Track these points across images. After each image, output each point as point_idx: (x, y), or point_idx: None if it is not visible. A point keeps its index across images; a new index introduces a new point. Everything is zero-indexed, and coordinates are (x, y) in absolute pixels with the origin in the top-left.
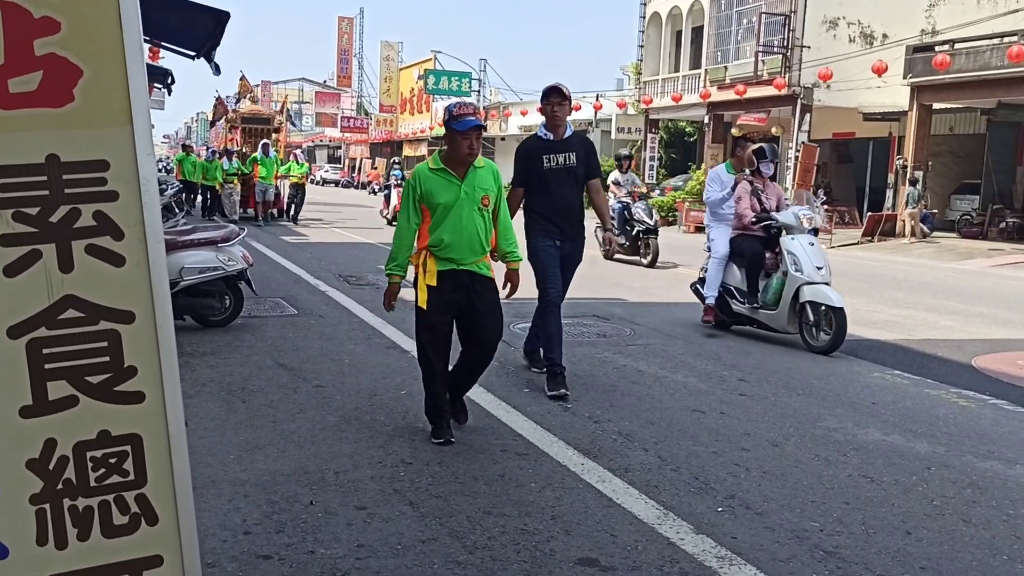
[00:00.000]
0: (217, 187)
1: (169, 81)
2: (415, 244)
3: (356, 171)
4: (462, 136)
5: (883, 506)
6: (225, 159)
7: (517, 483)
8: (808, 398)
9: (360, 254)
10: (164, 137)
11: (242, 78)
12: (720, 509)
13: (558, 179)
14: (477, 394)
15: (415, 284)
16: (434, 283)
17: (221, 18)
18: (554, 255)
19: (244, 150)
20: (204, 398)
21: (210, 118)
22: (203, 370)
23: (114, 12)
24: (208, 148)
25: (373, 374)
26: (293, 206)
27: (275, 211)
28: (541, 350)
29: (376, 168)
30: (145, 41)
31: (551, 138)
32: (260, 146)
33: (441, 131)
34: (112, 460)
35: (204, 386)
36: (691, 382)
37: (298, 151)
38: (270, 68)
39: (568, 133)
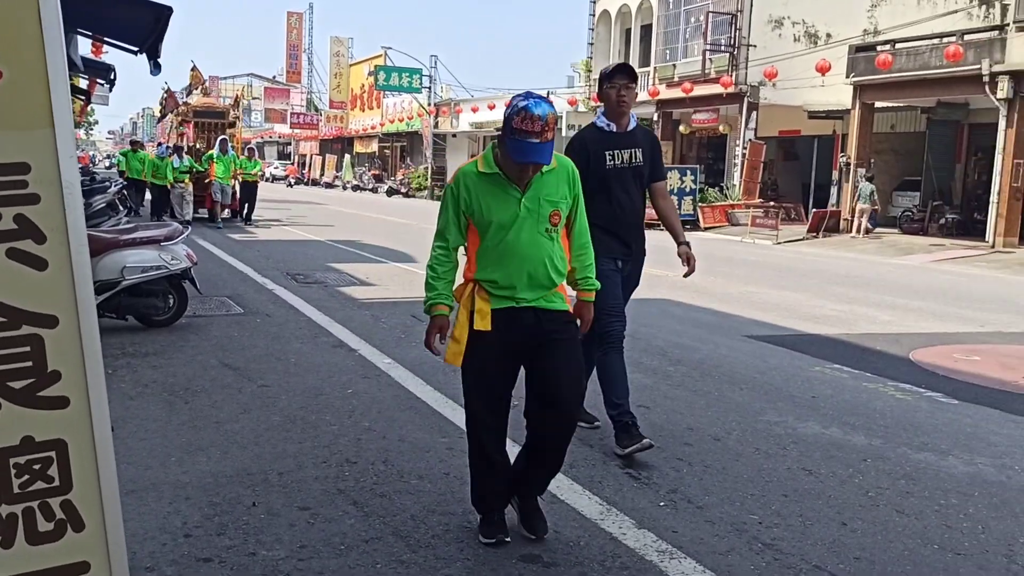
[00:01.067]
0: (168, 186)
1: (111, 76)
2: (457, 271)
3: (306, 167)
4: (518, 163)
5: (820, 498)
6: (175, 156)
7: (463, 481)
8: (751, 392)
9: (309, 252)
10: (109, 133)
11: (193, 69)
12: (662, 503)
13: (623, 181)
14: (423, 391)
15: (458, 327)
16: (487, 327)
17: (163, 13)
18: (617, 280)
19: (197, 146)
20: (146, 399)
21: (157, 112)
22: (145, 371)
23: (34, 14)
24: (160, 144)
25: (319, 373)
26: (246, 206)
27: (227, 212)
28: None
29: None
30: (87, 36)
31: (614, 129)
32: (218, 142)
33: (394, 128)
34: (36, 466)
35: (146, 387)
36: (637, 377)
37: (250, 147)
38: (218, 63)
39: (633, 124)
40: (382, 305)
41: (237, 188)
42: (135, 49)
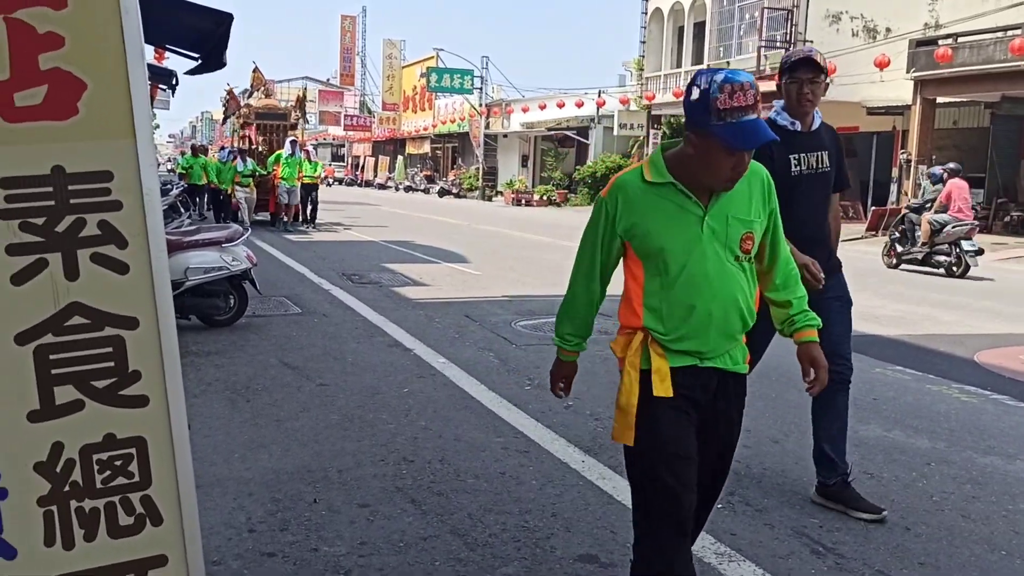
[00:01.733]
0: (229, 191)
1: (173, 82)
2: (610, 311)
3: (360, 169)
4: (726, 152)
5: (883, 502)
6: (239, 159)
7: (518, 480)
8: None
9: (364, 252)
10: (169, 137)
11: (255, 70)
12: (720, 506)
13: (809, 190)
14: (478, 391)
15: (624, 394)
16: (669, 392)
17: (224, 19)
18: (827, 304)
19: (260, 149)
20: (209, 397)
21: (221, 114)
22: (208, 369)
23: (116, 27)
24: (224, 148)
25: (376, 372)
26: (309, 209)
27: (285, 216)
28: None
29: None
30: (150, 43)
31: (798, 128)
32: (288, 143)
33: (446, 129)
34: (118, 463)
35: (209, 385)
36: None
37: (310, 148)
38: (273, 67)
39: (817, 122)
40: (436, 305)
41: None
42: (197, 56)
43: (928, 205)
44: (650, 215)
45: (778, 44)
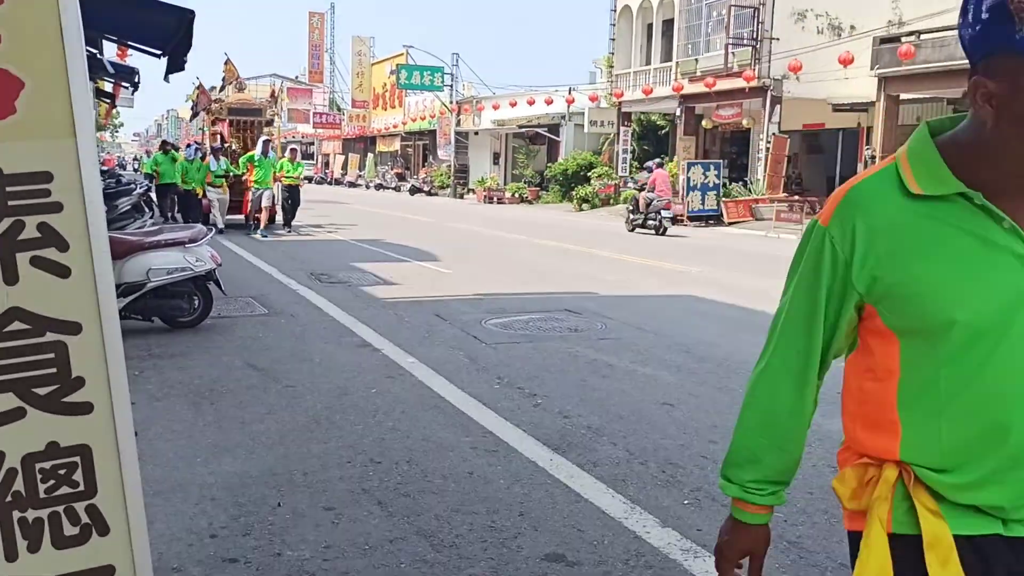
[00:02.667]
0: (198, 191)
1: (136, 79)
2: (849, 432)
3: (329, 167)
4: None
5: None
6: (211, 158)
7: (486, 480)
8: None
9: (333, 251)
10: (134, 135)
11: (227, 62)
12: (686, 502)
13: None
14: (446, 391)
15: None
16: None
17: (185, 16)
18: None
19: (233, 147)
20: (172, 400)
21: (188, 111)
22: (172, 372)
23: (55, 23)
24: (190, 145)
25: (344, 373)
26: (286, 212)
27: (255, 222)
28: None
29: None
30: (112, 40)
31: None
32: (260, 142)
33: (417, 126)
34: (61, 471)
35: (172, 388)
36: (661, 375)
37: (294, 146)
38: (240, 64)
39: None
40: (406, 304)
41: (277, 192)
42: (159, 52)
43: (643, 187)
44: (925, 257)
45: (745, 41)
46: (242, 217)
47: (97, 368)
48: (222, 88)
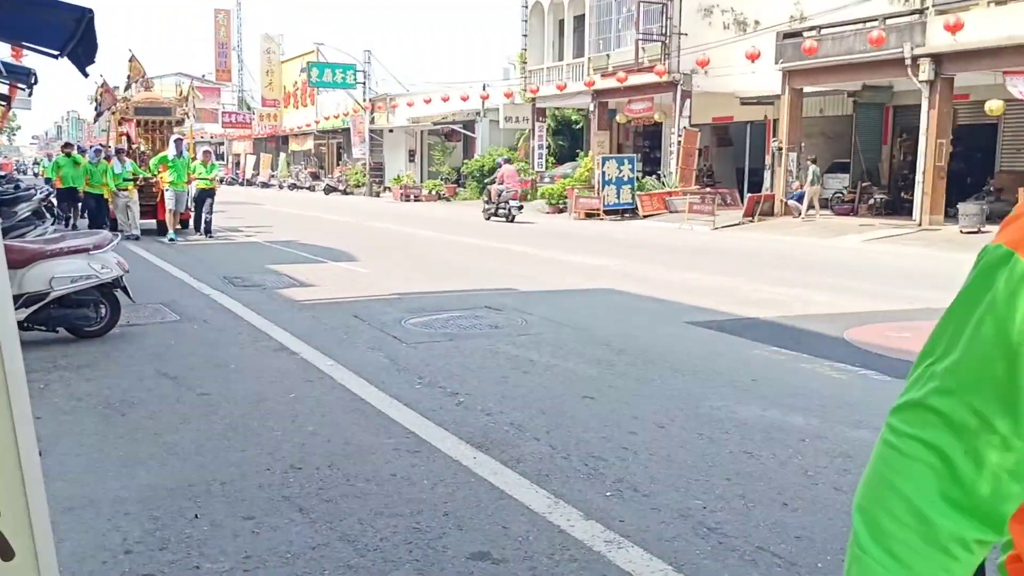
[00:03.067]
0: (106, 195)
1: (32, 80)
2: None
3: (240, 167)
4: None
5: (762, 480)
6: (115, 160)
7: (409, 481)
8: (693, 378)
9: (247, 254)
10: (33, 138)
11: (132, 59)
12: (609, 494)
13: None
14: (367, 392)
15: None
16: None
17: (84, 15)
18: None
19: (142, 148)
20: (81, 413)
21: (92, 111)
22: (79, 384)
23: None
24: (92, 147)
25: (261, 378)
26: (204, 216)
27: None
28: None
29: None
30: (5, 41)
31: None
32: (172, 142)
33: (330, 124)
34: None
35: (81, 401)
36: (581, 369)
37: (206, 147)
38: (143, 62)
39: None
40: (323, 306)
41: (191, 195)
42: (55, 53)
43: (495, 180)
44: None
45: (655, 37)
46: (155, 222)
47: None
48: (128, 87)
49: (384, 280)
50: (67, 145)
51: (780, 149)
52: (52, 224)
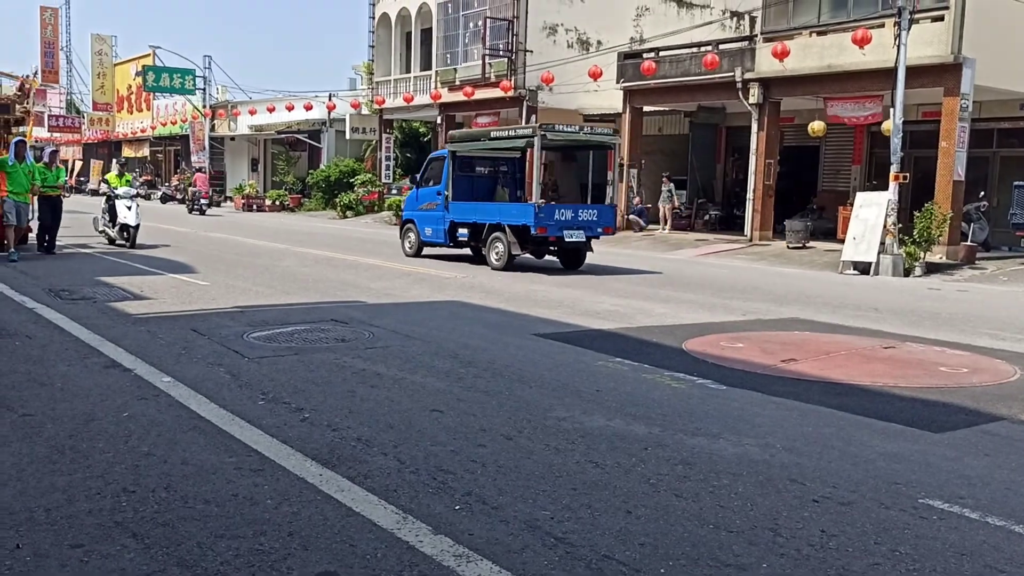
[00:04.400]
0: None
1: None
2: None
3: (69, 174)
4: None
5: (607, 489)
6: None
7: (252, 501)
8: (540, 390)
9: (76, 265)
10: None
11: None
12: (458, 507)
13: None
14: (207, 410)
15: None
16: None
17: None
18: None
19: None
20: None
21: None
22: None
23: None
24: None
25: (90, 397)
26: (45, 229)
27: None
28: None
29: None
30: None
31: None
32: (13, 144)
33: (167, 131)
34: None
35: None
36: (429, 382)
37: (53, 150)
38: None
39: None
40: (159, 320)
41: (35, 207)
42: None
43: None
44: None
45: (501, 52)
46: None
47: None
48: None
49: (226, 293)
50: None
51: (622, 166)
52: None
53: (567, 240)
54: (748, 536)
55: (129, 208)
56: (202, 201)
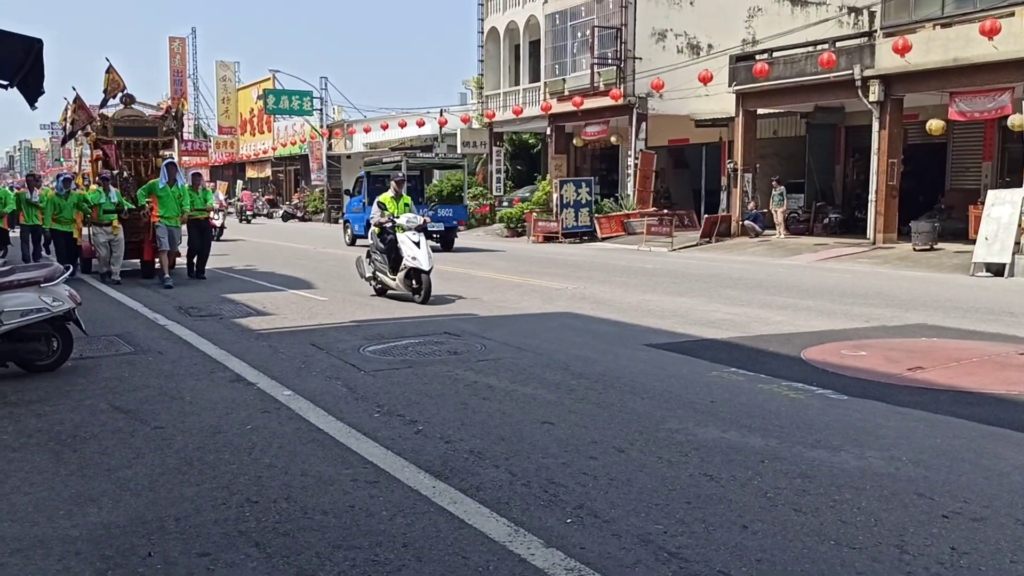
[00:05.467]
0: (75, 233)
1: None
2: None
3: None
4: None
5: (722, 502)
6: (101, 188)
7: (368, 513)
8: (652, 401)
9: (203, 284)
10: None
11: (110, 70)
12: (569, 520)
13: None
14: (325, 422)
15: None
16: None
17: (33, 45)
18: None
19: (124, 174)
20: (31, 450)
21: (62, 131)
22: (29, 419)
23: None
24: (60, 175)
25: (216, 410)
26: (195, 255)
27: (160, 266)
28: None
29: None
30: None
31: None
32: (164, 166)
33: (287, 151)
34: None
35: (31, 437)
36: (540, 394)
37: (197, 172)
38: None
39: None
40: (280, 335)
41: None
42: (5, 83)
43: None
44: None
45: (609, 61)
46: (138, 263)
47: None
48: (104, 102)
49: (342, 307)
50: (32, 177)
51: (736, 170)
52: (2, 256)
53: (432, 229)
54: (872, 553)
55: (418, 244)
56: (247, 212)
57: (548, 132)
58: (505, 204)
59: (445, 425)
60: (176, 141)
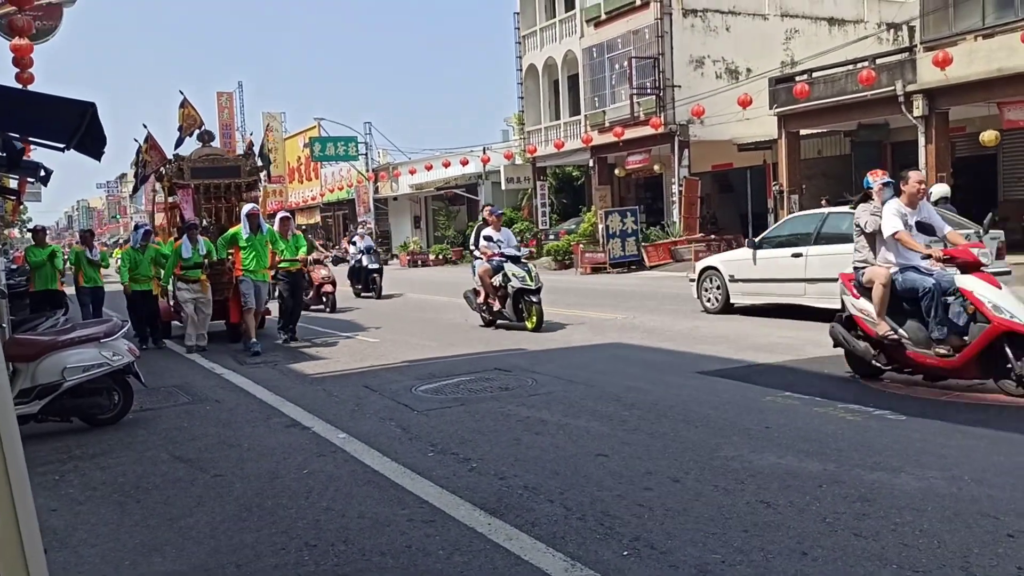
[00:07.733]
0: (156, 290)
1: (42, 173)
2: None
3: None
4: None
5: (780, 529)
6: (185, 239)
7: (425, 552)
8: (706, 429)
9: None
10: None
11: (184, 104)
12: (626, 553)
13: None
14: (380, 464)
15: None
16: None
17: (86, 109)
18: None
19: (204, 222)
20: (96, 503)
21: (133, 176)
22: (94, 472)
23: None
24: (139, 227)
25: (273, 456)
26: (285, 312)
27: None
28: None
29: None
30: (14, 138)
31: None
32: (244, 215)
33: (335, 197)
34: None
35: (95, 490)
36: (593, 426)
37: (285, 215)
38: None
39: None
40: (333, 379)
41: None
42: (61, 146)
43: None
44: None
45: (648, 91)
46: (223, 324)
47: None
48: (180, 141)
49: (394, 348)
50: (87, 233)
51: (781, 192)
52: (64, 313)
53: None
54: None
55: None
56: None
57: (591, 164)
58: (552, 237)
59: (499, 461)
60: (261, 183)
